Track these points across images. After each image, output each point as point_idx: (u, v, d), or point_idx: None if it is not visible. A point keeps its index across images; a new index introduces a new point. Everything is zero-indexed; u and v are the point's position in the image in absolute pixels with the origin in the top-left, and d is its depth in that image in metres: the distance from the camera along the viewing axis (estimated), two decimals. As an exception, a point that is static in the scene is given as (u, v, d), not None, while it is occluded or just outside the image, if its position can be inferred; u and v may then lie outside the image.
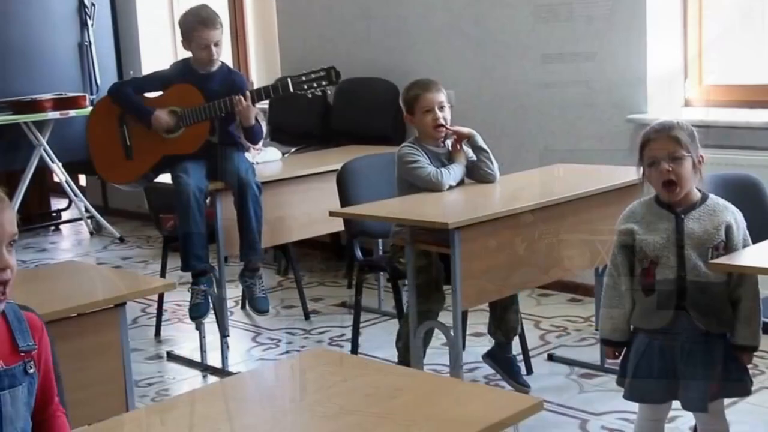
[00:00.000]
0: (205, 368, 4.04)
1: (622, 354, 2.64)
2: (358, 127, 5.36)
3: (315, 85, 3.97)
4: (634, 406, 2.72)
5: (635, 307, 2.58)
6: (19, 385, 1.71)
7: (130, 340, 4.18)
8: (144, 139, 4.04)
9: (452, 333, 3.20)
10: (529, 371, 3.78)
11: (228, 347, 4.07)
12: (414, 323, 3.30)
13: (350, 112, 5.48)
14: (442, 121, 3.51)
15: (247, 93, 3.90)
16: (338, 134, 5.45)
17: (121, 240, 6.55)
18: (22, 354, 1.73)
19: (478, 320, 3.94)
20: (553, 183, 3.68)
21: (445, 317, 3.34)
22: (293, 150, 5.36)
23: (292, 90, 3.96)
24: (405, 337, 3.42)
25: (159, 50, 6.99)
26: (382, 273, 4.59)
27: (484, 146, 3.58)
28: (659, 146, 2.52)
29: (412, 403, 1.64)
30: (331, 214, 3.50)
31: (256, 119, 4.01)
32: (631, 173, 2.74)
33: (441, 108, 3.52)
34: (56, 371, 1.86)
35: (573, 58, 4.64)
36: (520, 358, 3.78)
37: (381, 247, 4.50)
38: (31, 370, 1.74)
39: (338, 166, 3.93)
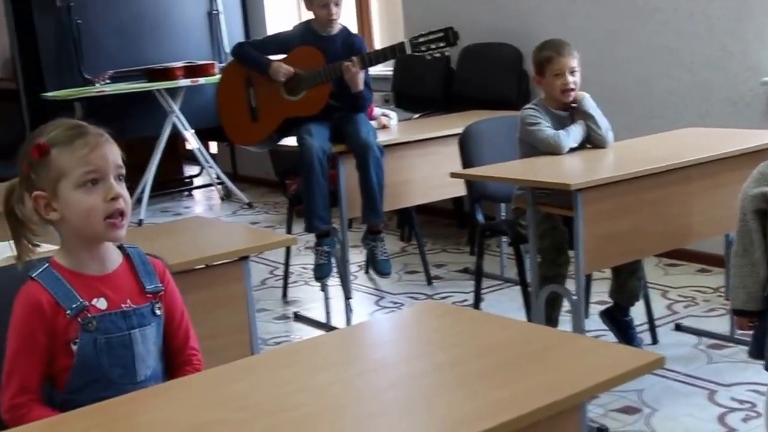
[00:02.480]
0: (330, 329, 4.11)
1: (757, 324, 2.54)
2: (482, 92, 5.32)
3: (433, 46, 3.93)
4: (765, 378, 2.63)
5: (772, 274, 2.47)
6: (148, 324, 1.78)
7: (258, 300, 4.36)
8: (268, 101, 4.13)
9: (574, 297, 3.15)
10: (655, 341, 3.71)
11: (351, 309, 4.14)
12: (535, 287, 3.27)
13: (473, 77, 5.45)
14: (572, 86, 3.45)
15: (354, 59, 3.89)
16: (461, 100, 5.42)
17: (250, 205, 6.72)
18: (149, 295, 1.80)
19: (603, 288, 3.88)
20: (681, 146, 3.56)
21: (570, 286, 3.30)
22: (416, 116, 5.36)
23: (409, 52, 3.93)
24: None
25: (284, 18, 7.10)
26: (504, 239, 4.57)
27: (590, 111, 3.49)
28: None
29: (527, 357, 1.62)
30: (452, 175, 3.48)
31: (368, 86, 4.02)
32: (766, 137, 2.62)
33: (572, 73, 3.46)
34: None
35: (705, 19, 4.47)
36: (645, 327, 3.70)
37: (503, 213, 4.47)
38: (159, 312, 1.81)
39: (460, 130, 3.90)
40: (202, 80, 6.37)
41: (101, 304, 1.73)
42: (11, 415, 1.68)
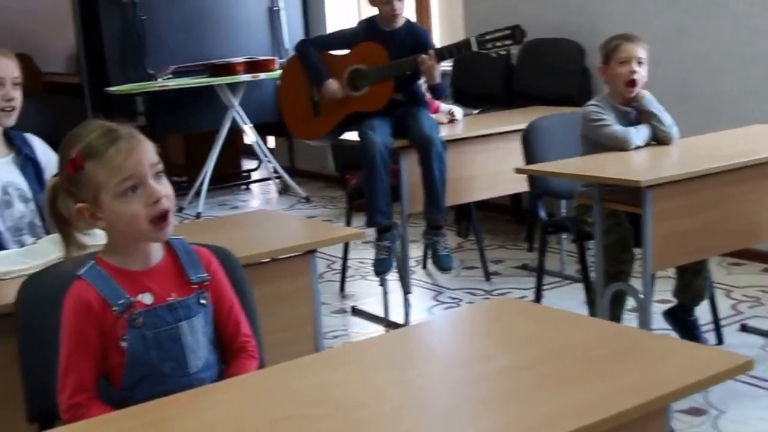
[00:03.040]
0: (388, 324, 4.11)
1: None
2: (543, 89, 5.26)
3: (499, 44, 3.90)
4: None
5: None
6: (194, 315, 1.77)
7: (317, 293, 4.37)
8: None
9: (641, 296, 3.11)
10: (720, 341, 3.64)
11: (410, 304, 4.13)
12: (601, 285, 3.23)
13: (535, 73, 5.39)
14: (637, 77, 3.39)
15: (431, 51, 3.90)
16: (522, 96, 5.37)
17: (307, 200, 6.74)
18: (195, 286, 1.79)
19: (666, 287, 3.81)
20: (751, 143, 3.49)
21: (635, 284, 3.25)
22: (476, 112, 5.33)
23: (475, 49, 3.91)
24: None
25: (344, 14, 7.11)
26: (564, 236, 4.51)
27: (652, 109, 3.43)
28: None
29: (607, 356, 1.57)
30: (518, 171, 3.45)
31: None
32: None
33: (639, 63, 3.40)
34: (249, 307, 1.93)
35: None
36: (710, 327, 3.63)
37: (564, 209, 4.42)
38: (205, 301, 1.80)
39: (522, 126, 3.87)
40: (262, 75, 6.42)
41: (147, 299, 1.73)
42: (71, 414, 1.69)
